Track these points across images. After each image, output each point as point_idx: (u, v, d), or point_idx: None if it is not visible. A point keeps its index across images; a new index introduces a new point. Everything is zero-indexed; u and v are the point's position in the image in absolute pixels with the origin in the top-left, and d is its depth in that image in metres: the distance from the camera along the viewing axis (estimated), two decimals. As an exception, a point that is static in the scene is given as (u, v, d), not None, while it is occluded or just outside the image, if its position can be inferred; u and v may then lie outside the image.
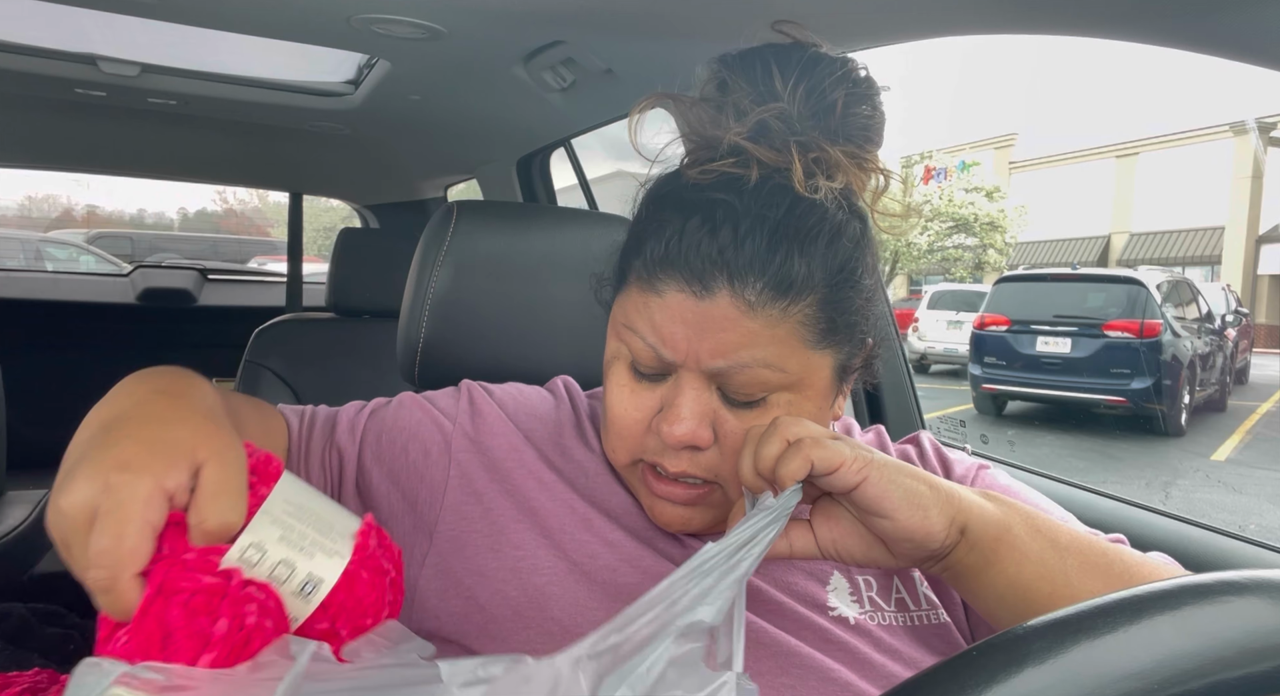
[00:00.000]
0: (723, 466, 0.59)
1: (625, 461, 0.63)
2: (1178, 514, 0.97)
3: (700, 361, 0.56)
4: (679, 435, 0.57)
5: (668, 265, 0.56)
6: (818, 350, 0.58)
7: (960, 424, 1.33)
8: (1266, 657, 0.31)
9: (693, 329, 0.55)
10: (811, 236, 0.56)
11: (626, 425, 0.61)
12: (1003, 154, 22.51)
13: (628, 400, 0.60)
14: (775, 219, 0.55)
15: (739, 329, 0.55)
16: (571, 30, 1.14)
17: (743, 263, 0.54)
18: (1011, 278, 9.16)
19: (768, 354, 0.55)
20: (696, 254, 0.55)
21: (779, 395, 0.58)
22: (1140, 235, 19.81)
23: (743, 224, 0.55)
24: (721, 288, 0.54)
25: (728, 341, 0.55)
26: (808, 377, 0.58)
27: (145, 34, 1.48)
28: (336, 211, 17.17)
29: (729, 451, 0.58)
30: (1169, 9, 0.69)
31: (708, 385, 0.57)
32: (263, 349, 1.94)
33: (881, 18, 0.93)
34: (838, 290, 0.57)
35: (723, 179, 0.57)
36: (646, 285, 0.58)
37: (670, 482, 0.60)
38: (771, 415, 0.57)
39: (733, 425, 0.58)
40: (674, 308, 0.56)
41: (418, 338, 0.92)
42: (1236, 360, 9.59)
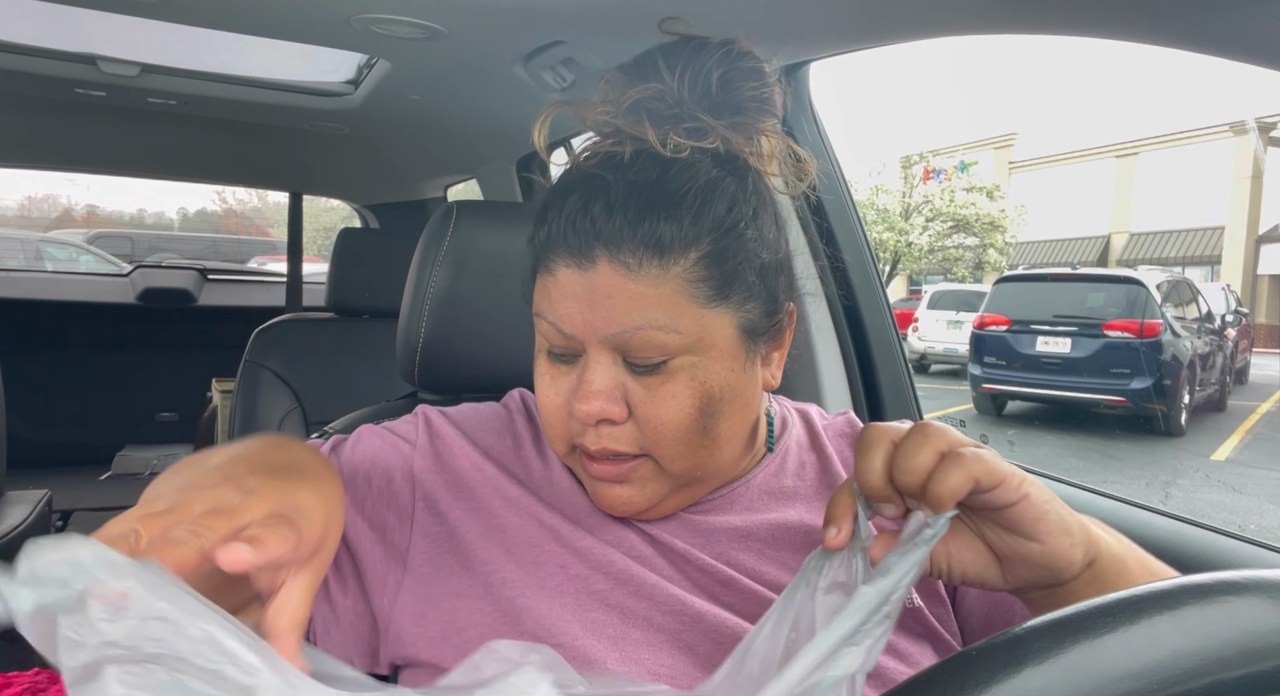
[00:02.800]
0: (644, 438, 0.59)
1: (563, 450, 0.63)
2: (1178, 514, 0.97)
3: (596, 331, 0.57)
4: (586, 411, 0.58)
5: (554, 245, 0.59)
6: (711, 308, 0.58)
7: (960, 424, 1.33)
8: (1266, 657, 0.31)
9: (583, 301, 0.57)
10: (680, 196, 0.57)
11: (551, 411, 0.61)
12: (1003, 154, 22.52)
13: (549, 387, 0.61)
14: (644, 184, 0.57)
15: (624, 293, 0.56)
16: (571, 30, 1.14)
17: (615, 230, 0.56)
18: (1011, 278, 9.16)
19: (657, 315, 0.56)
20: (574, 229, 0.57)
21: (681, 358, 0.58)
22: (1140, 235, 19.81)
23: (614, 194, 0.57)
24: (601, 256, 0.56)
25: (616, 307, 0.57)
26: (706, 338, 0.58)
27: (145, 34, 1.48)
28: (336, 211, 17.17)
29: (644, 421, 0.58)
30: (1169, 9, 0.69)
31: (613, 358, 0.58)
32: (262, 349, 1.94)
33: (881, 18, 0.93)
34: (719, 245, 0.58)
35: (602, 158, 0.60)
36: (543, 269, 0.60)
37: (601, 461, 0.60)
38: (678, 381, 0.58)
39: (641, 395, 0.58)
40: (564, 284, 0.58)
41: (417, 337, 0.92)
42: (1236, 360, 9.59)
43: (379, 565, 0.64)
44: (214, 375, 2.82)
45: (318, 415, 1.91)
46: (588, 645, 0.58)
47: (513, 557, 0.63)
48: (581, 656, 0.58)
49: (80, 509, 2.52)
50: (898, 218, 18.30)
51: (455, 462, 0.68)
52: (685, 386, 0.58)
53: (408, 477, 0.67)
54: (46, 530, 1.84)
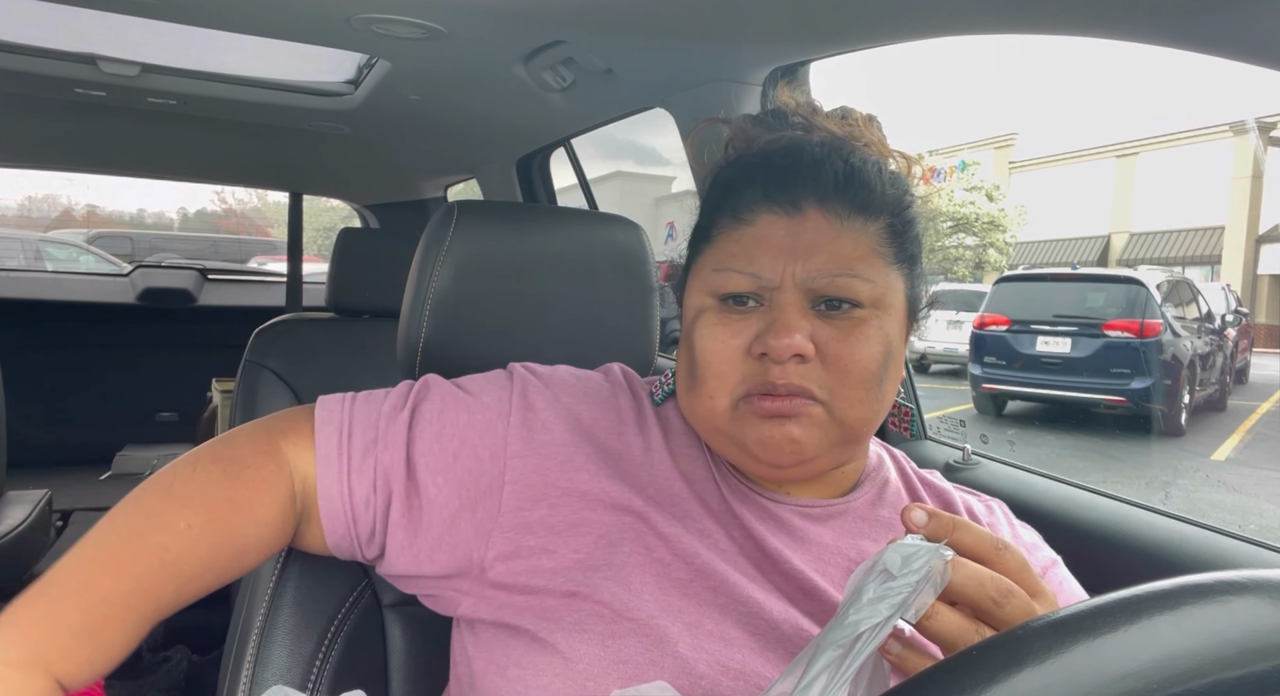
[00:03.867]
0: (829, 377, 0.61)
1: (725, 404, 0.63)
2: (1178, 514, 0.97)
3: (796, 275, 0.61)
4: (786, 343, 0.59)
5: (759, 199, 0.63)
6: (894, 269, 0.64)
7: (960, 424, 1.33)
8: (1266, 657, 0.31)
9: (787, 248, 0.61)
10: (876, 171, 0.64)
11: (725, 357, 0.62)
12: (1003, 154, 22.50)
13: (721, 335, 0.63)
14: (846, 152, 0.65)
15: (830, 241, 0.61)
16: (571, 30, 1.14)
17: (826, 184, 0.62)
18: (1011, 277, 9.16)
19: (856, 264, 0.61)
20: (783, 183, 0.63)
21: (867, 310, 0.62)
22: (1140, 235, 19.80)
23: (820, 159, 0.63)
24: (810, 206, 0.62)
25: (821, 252, 0.61)
26: (889, 295, 0.63)
27: (145, 34, 1.48)
28: (336, 211, 17.17)
29: (833, 360, 0.61)
30: (1169, 9, 0.69)
31: (804, 303, 0.61)
32: (263, 349, 1.94)
33: (881, 18, 0.93)
34: (900, 218, 0.64)
35: (791, 139, 0.66)
36: (738, 223, 0.64)
37: (782, 397, 0.61)
38: (864, 331, 0.61)
39: (832, 335, 0.61)
40: (767, 232, 0.62)
41: (418, 337, 0.92)
42: (1236, 360, 9.59)
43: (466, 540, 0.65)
44: (214, 375, 2.81)
45: (318, 415, 1.91)
46: (663, 624, 0.59)
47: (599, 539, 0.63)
48: (655, 634, 0.58)
49: (80, 509, 2.52)
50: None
51: (548, 437, 0.67)
52: (874, 333, 0.62)
53: (499, 458, 0.66)
54: (46, 530, 1.85)
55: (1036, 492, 1.09)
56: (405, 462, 0.66)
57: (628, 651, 0.58)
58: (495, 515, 0.64)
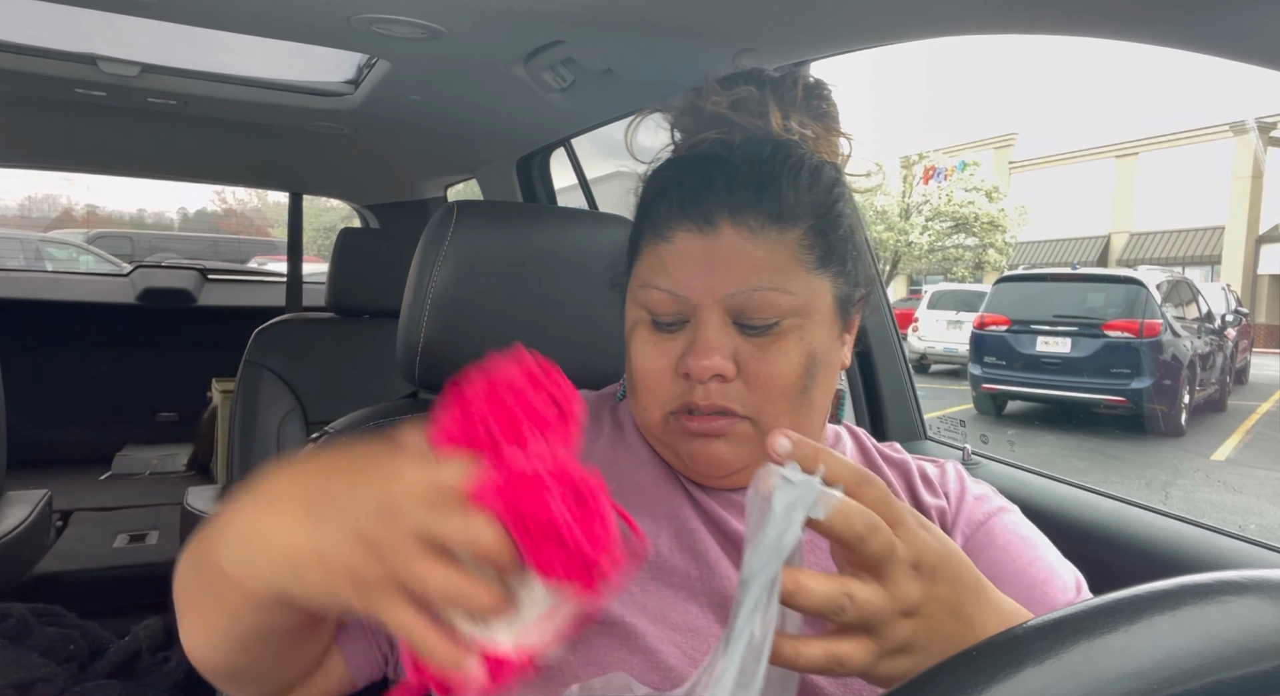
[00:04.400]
0: (751, 395, 0.62)
1: (658, 417, 0.65)
2: (1178, 514, 0.97)
3: (714, 292, 0.61)
4: (704, 365, 0.60)
5: (674, 215, 0.63)
6: (816, 274, 0.63)
7: (960, 424, 1.33)
8: (1266, 657, 0.31)
9: (703, 265, 0.61)
10: (794, 170, 0.63)
11: (654, 375, 0.64)
12: (1003, 154, 22.51)
13: (652, 353, 0.64)
14: (761, 158, 0.63)
15: (745, 256, 0.61)
16: (571, 30, 1.14)
17: (738, 197, 0.61)
18: (1011, 277, 9.16)
19: (774, 277, 0.61)
20: (696, 199, 0.62)
21: (790, 319, 0.62)
22: (1140, 235, 19.81)
23: (735, 167, 0.63)
24: (724, 221, 0.61)
25: (736, 268, 0.61)
26: (813, 302, 0.63)
27: (145, 34, 1.47)
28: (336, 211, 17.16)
29: (753, 378, 0.62)
30: (1169, 9, 0.69)
31: (725, 319, 0.62)
32: (263, 349, 1.94)
33: (881, 18, 0.93)
34: (824, 220, 0.64)
35: (711, 142, 0.66)
36: (656, 239, 0.64)
37: (705, 418, 0.62)
38: (788, 340, 0.62)
39: (751, 353, 0.62)
40: (683, 250, 0.62)
41: (418, 337, 0.92)
42: (1236, 360, 9.59)
43: None
44: (214, 375, 2.82)
45: (318, 415, 1.91)
46: (630, 621, 0.60)
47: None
48: (622, 632, 0.59)
49: (80, 509, 2.52)
50: (897, 218, 18.30)
51: None
52: (794, 346, 0.62)
53: None
54: (47, 530, 1.85)
55: (1036, 492, 1.09)
56: None
57: (598, 652, 0.59)
58: None
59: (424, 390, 0.99)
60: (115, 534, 2.31)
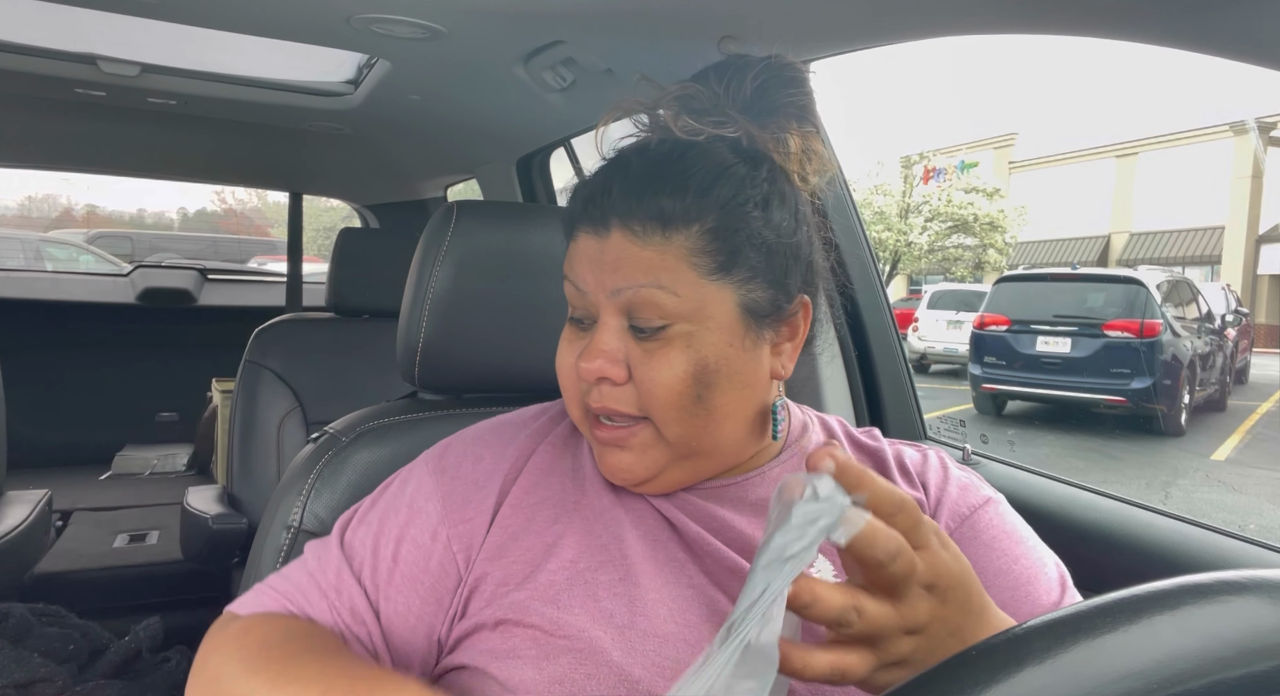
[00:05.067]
0: (641, 399, 0.62)
1: (577, 414, 0.67)
2: (1178, 514, 0.97)
3: (605, 288, 0.62)
4: (587, 367, 0.62)
5: (578, 216, 0.65)
6: (712, 280, 0.62)
7: (960, 424, 1.33)
8: (1266, 657, 0.31)
9: (597, 263, 0.63)
10: (688, 174, 0.62)
11: (566, 372, 0.66)
12: (1003, 154, 22.51)
13: (565, 349, 0.67)
14: (660, 163, 0.63)
15: (633, 257, 0.61)
16: (571, 30, 1.14)
17: (626, 202, 0.62)
18: (1011, 277, 9.16)
19: (660, 277, 0.61)
20: (595, 202, 0.64)
21: (679, 325, 0.61)
22: (1140, 235, 19.81)
23: (633, 172, 0.63)
24: (614, 225, 0.62)
25: (623, 268, 0.62)
26: (705, 308, 0.62)
27: (145, 34, 1.47)
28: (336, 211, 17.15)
29: (640, 382, 0.62)
30: (1169, 9, 0.69)
31: (620, 323, 0.63)
32: (263, 349, 1.94)
33: (881, 18, 0.93)
34: (723, 221, 0.62)
35: (634, 143, 0.68)
36: (570, 237, 0.67)
37: (604, 427, 0.64)
38: (675, 347, 0.61)
39: (639, 357, 0.62)
40: (584, 249, 0.64)
41: (418, 337, 0.92)
42: (1236, 360, 9.59)
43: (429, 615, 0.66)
44: (214, 375, 2.81)
45: (318, 415, 1.91)
46: (594, 635, 0.59)
47: (523, 565, 0.64)
48: (588, 647, 0.59)
49: (80, 509, 2.52)
50: (896, 218, 18.29)
51: (476, 498, 0.68)
52: (681, 352, 0.61)
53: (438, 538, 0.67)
54: (46, 530, 1.84)
55: (1036, 492, 1.09)
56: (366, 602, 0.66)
57: (562, 670, 0.58)
58: (460, 587, 0.66)
59: (424, 390, 0.99)
60: (115, 534, 2.31)
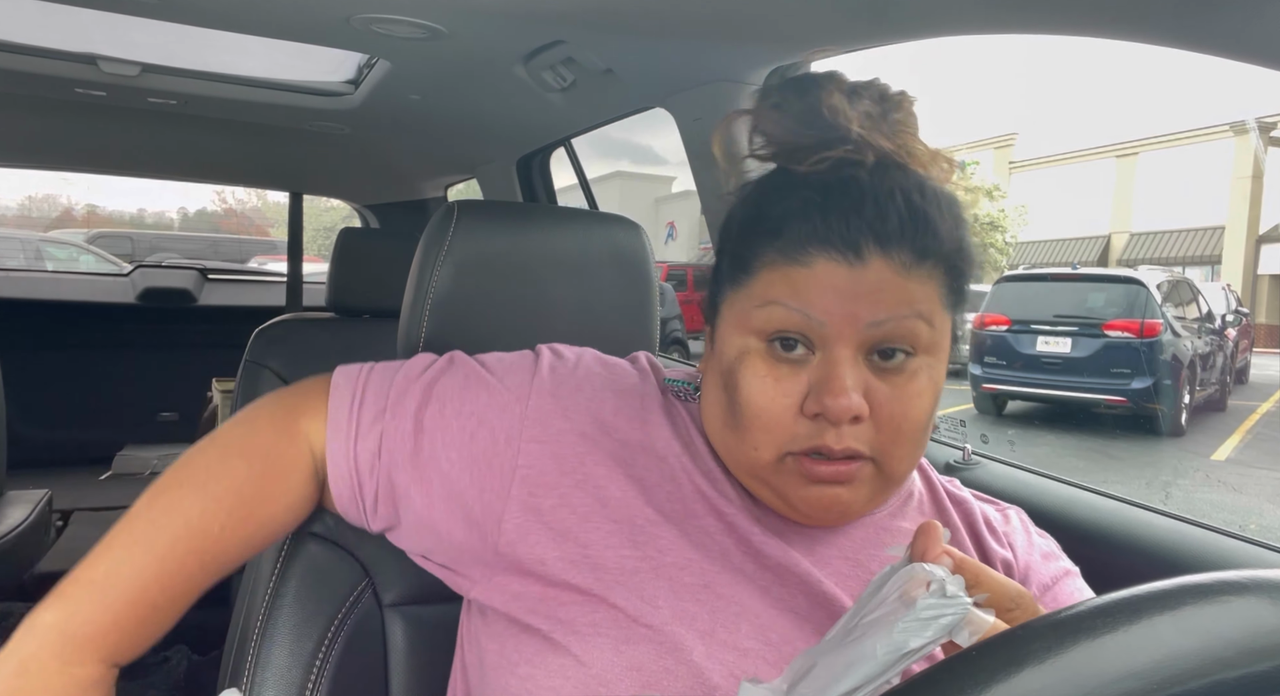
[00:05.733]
0: (880, 437, 0.58)
1: (771, 458, 0.59)
2: (1178, 514, 0.97)
3: (858, 320, 0.56)
4: (844, 406, 0.56)
5: (814, 240, 0.57)
6: (950, 313, 0.60)
7: (960, 424, 1.33)
8: (1266, 657, 0.31)
9: (847, 294, 0.56)
10: (938, 208, 0.59)
11: (775, 414, 0.58)
12: (1003, 154, 22.50)
13: (772, 388, 0.58)
14: (907, 191, 0.58)
15: (894, 289, 0.57)
16: (571, 30, 1.14)
17: (891, 230, 0.56)
18: (1011, 277, 9.15)
19: (922, 308, 0.57)
20: (845, 226, 0.56)
21: (922, 358, 0.59)
22: (1140, 235, 19.80)
23: (881, 197, 0.57)
24: (874, 254, 0.56)
25: (884, 299, 0.57)
26: (942, 340, 0.60)
27: (145, 34, 1.47)
28: (336, 211, 17.17)
29: (886, 420, 0.58)
30: (1169, 9, 0.69)
31: (857, 356, 0.58)
32: (263, 349, 1.93)
33: (881, 18, 0.93)
34: (961, 256, 0.60)
35: (839, 164, 0.59)
36: (790, 263, 0.58)
37: (831, 463, 0.58)
38: (920, 380, 0.59)
39: (886, 393, 0.58)
40: (824, 277, 0.57)
41: (418, 338, 0.92)
42: (1236, 360, 9.59)
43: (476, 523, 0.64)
44: (214, 375, 2.81)
45: (318, 415, 1.91)
46: (677, 632, 0.58)
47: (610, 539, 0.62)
48: (670, 641, 0.58)
49: (80, 509, 2.52)
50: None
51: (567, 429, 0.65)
52: (926, 385, 0.59)
53: (513, 442, 0.65)
54: (47, 530, 1.84)
55: (1036, 492, 1.09)
56: (413, 433, 0.66)
57: (641, 657, 0.57)
58: (505, 497, 0.64)
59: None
60: (115, 534, 2.31)
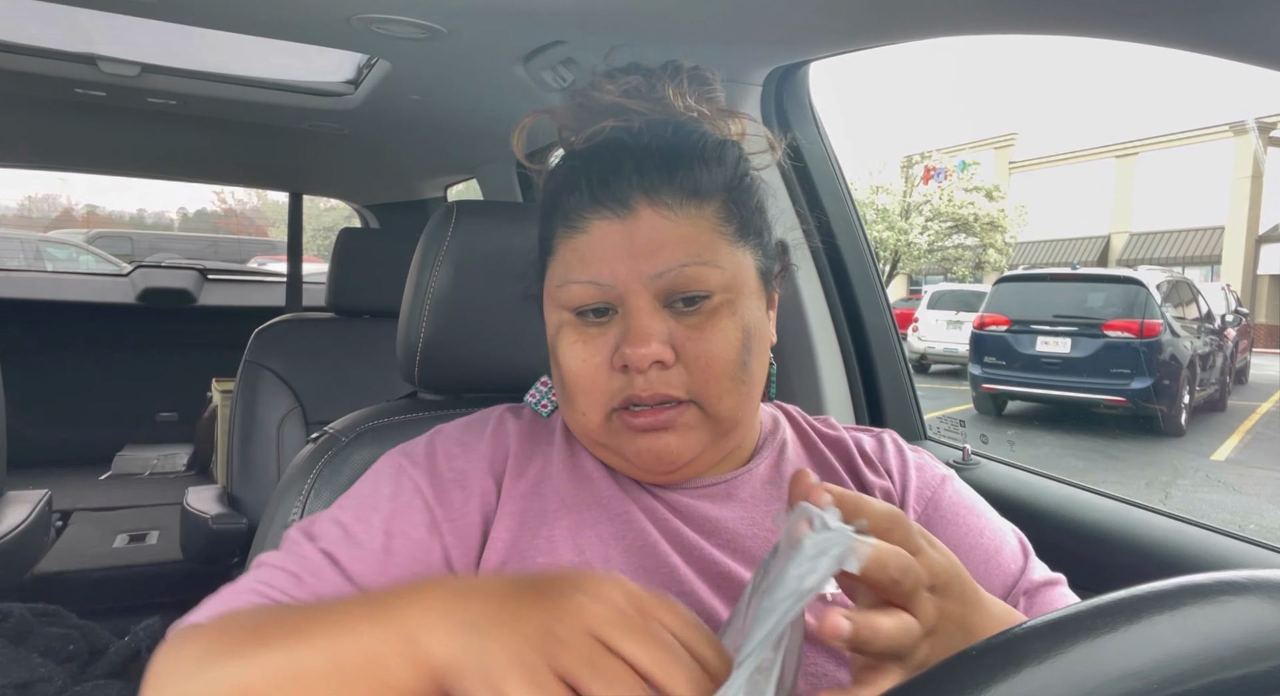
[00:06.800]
0: (692, 379, 0.60)
1: (599, 417, 0.62)
2: (1178, 514, 0.97)
3: (642, 275, 0.59)
4: (643, 353, 0.58)
5: (584, 205, 0.61)
6: (738, 246, 0.63)
7: (960, 424, 1.33)
8: (1266, 657, 0.31)
9: (625, 249, 0.60)
10: (702, 148, 0.63)
11: (588, 374, 0.61)
12: (1003, 154, 22.50)
13: (582, 351, 0.62)
14: (666, 139, 0.62)
15: (667, 235, 0.60)
16: (571, 30, 1.14)
17: (651, 178, 0.60)
18: (1011, 277, 9.16)
19: (700, 251, 0.60)
20: (607, 185, 0.60)
21: (720, 296, 0.61)
22: (1140, 235, 19.80)
23: (641, 151, 0.61)
24: (641, 204, 0.60)
25: (660, 248, 0.60)
26: (739, 275, 0.62)
27: (145, 34, 1.47)
28: (336, 211, 17.18)
29: (693, 360, 0.60)
30: (1169, 9, 0.69)
31: (655, 304, 0.60)
32: (262, 349, 1.94)
33: (881, 18, 0.93)
34: (736, 193, 0.63)
35: (612, 130, 0.64)
36: (569, 232, 0.62)
37: (649, 412, 0.60)
38: (721, 316, 0.60)
39: (687, 335, 0.60)
40: (601, 237, 0.61)
41: (417, 337, 0.92)
42: (1236, 360, 9.59)
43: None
44: (214, 375, 2.81)
45: (318, 415, 1.91)
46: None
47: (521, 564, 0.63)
48: None
49: (80, 509, 2.52)
50: (897, 217, 18.30)
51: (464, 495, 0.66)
52: (729, 321, 0.61)
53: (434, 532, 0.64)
54: (46, 530, 1.84)
55: (1036, 492, 1.09)
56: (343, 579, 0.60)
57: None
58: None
59: (424, 390, 0.99)
60: (115, 534, 2.31)
